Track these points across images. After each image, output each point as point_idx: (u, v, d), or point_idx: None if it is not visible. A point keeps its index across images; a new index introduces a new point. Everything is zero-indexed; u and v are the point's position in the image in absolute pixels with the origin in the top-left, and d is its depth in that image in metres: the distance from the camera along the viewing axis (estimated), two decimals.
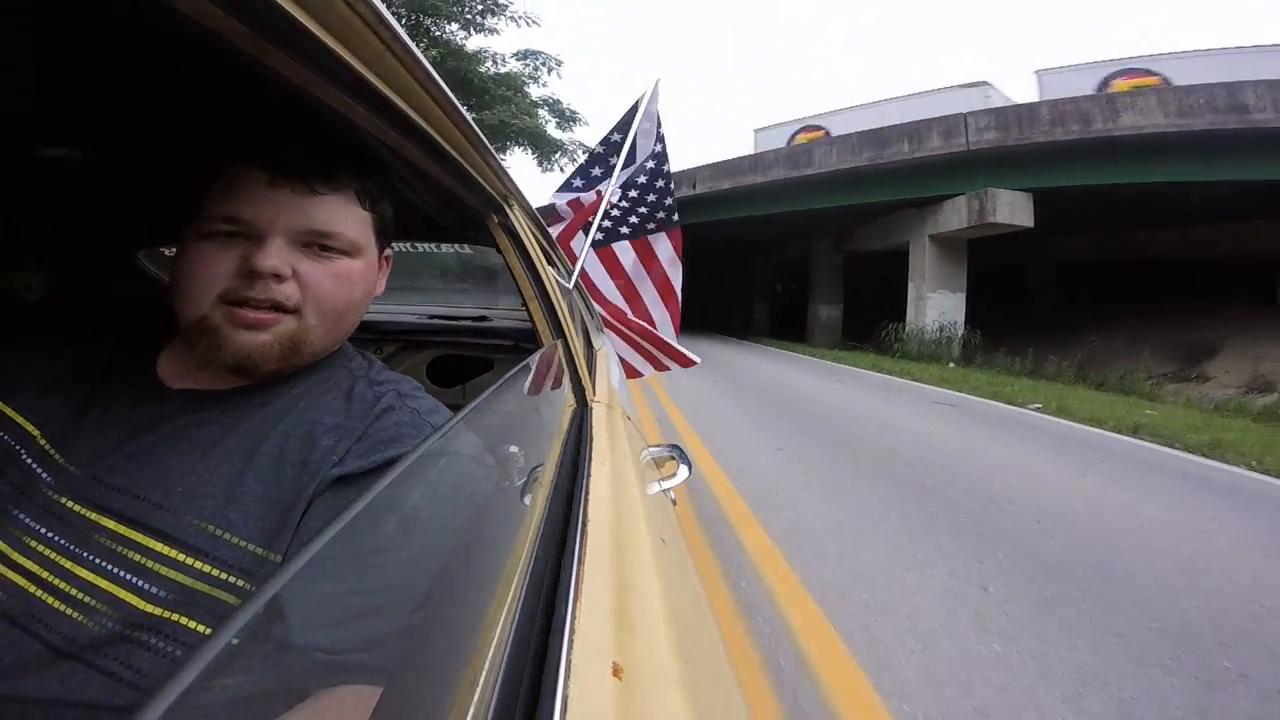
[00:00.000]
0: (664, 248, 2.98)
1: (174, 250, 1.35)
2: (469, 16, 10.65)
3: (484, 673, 0.32)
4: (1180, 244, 12.14)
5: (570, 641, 0.36)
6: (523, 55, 11.42)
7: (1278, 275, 10.77)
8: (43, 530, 0.43)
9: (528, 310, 1.08)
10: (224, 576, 0.42)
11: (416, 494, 0.43)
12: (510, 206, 0.94)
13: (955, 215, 10.92)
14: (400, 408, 0.52)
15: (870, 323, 12.56)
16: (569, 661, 0.34)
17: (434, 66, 0.48)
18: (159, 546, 0.42)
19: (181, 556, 0.42)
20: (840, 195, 12.36)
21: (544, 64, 11.55)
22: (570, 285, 1.60)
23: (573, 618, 0.38)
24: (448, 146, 0.57)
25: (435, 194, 0.78)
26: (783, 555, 2.44)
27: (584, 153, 13.62)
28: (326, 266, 0.51)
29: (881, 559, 2.47)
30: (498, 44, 12.27)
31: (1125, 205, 10.99)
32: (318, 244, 0.51)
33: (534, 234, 1.16)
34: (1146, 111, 9.36)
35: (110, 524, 0.43)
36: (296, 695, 0.33)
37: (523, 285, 1.03)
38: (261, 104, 0.49)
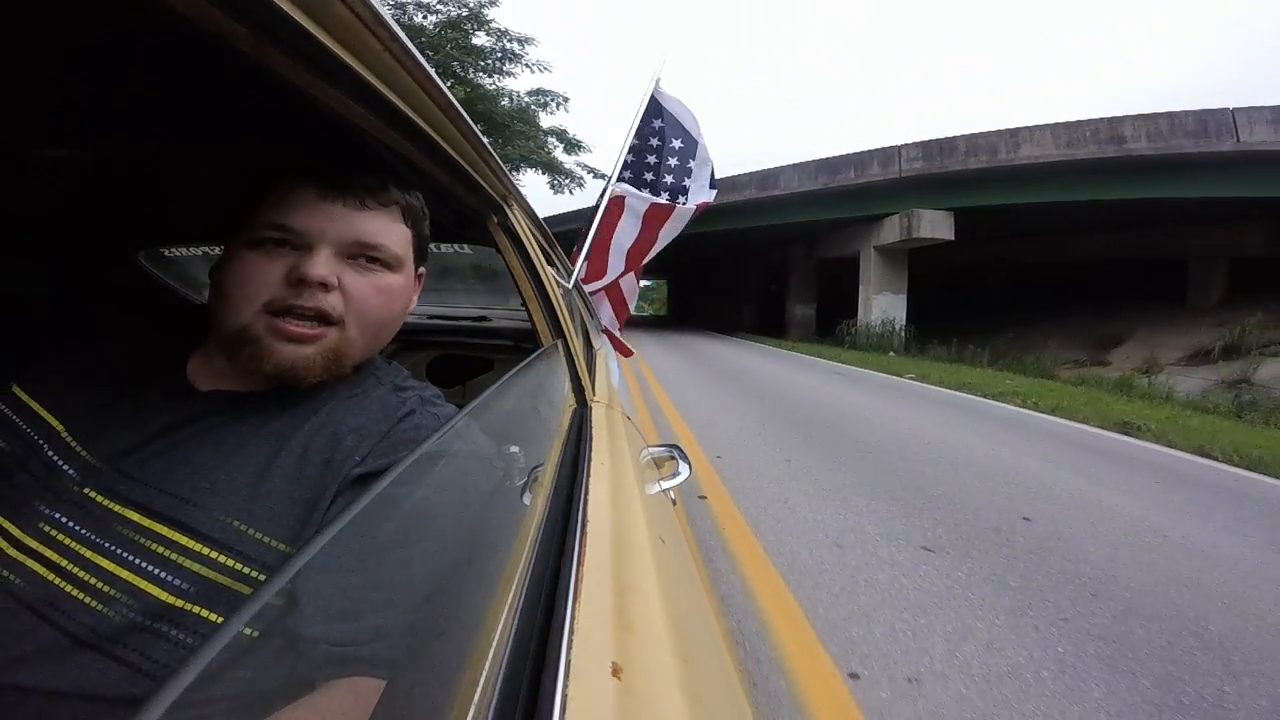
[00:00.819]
0: (676, 221, 2.98)
1: (173, 250, 1.34)
2: (492, 63, 12.85)
3: (484, 673, 0.32)
4: (1112, 248, 14.07)
5: (570, 641, 0.36)
6: (535, 93, 13.77)
7: (1187, 276, 12.56)
8: (65, 520, 0.43)
9: (527, 310, 1.08)
10: (246, 571, 0.43)
11: (417, 494, 0.43)
12: (510, 206, 0.94)
13: (892, 230, 13.28)
14: (421, 412, 0.54)
15: (837, 320, 14.82)
16: (569, 661, 0.34)
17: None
18: (183, 539, 0.43)
19: (205, 550, 0.43)
20: (802, 213, 14.80)
21: (553, 100, 13.77)
22: (570, 285, 1.60)
23: (572, 618, 0.38)
24: (447, 146, 0.57)
25: (434, 194, 0.78)
26: (678, 408, 5.66)
27: (590, 175, 15.02)
28: (370, 279, 0.53)
29: (734, 424, 5.00)
30: (512, 84, 14.52)
31: (1046, 217, 13.00)
32: (364, 256, 0.52)
33: (533, 234, 1.16)
34: (1041, 144, 11.29)
35: (135, 516, 0.43)
36: (302, 686, 0.33)
37: (522, 285, 1.03)
38: (285, 113, 0.50)
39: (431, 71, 0.47)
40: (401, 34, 0.40)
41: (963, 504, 3.11)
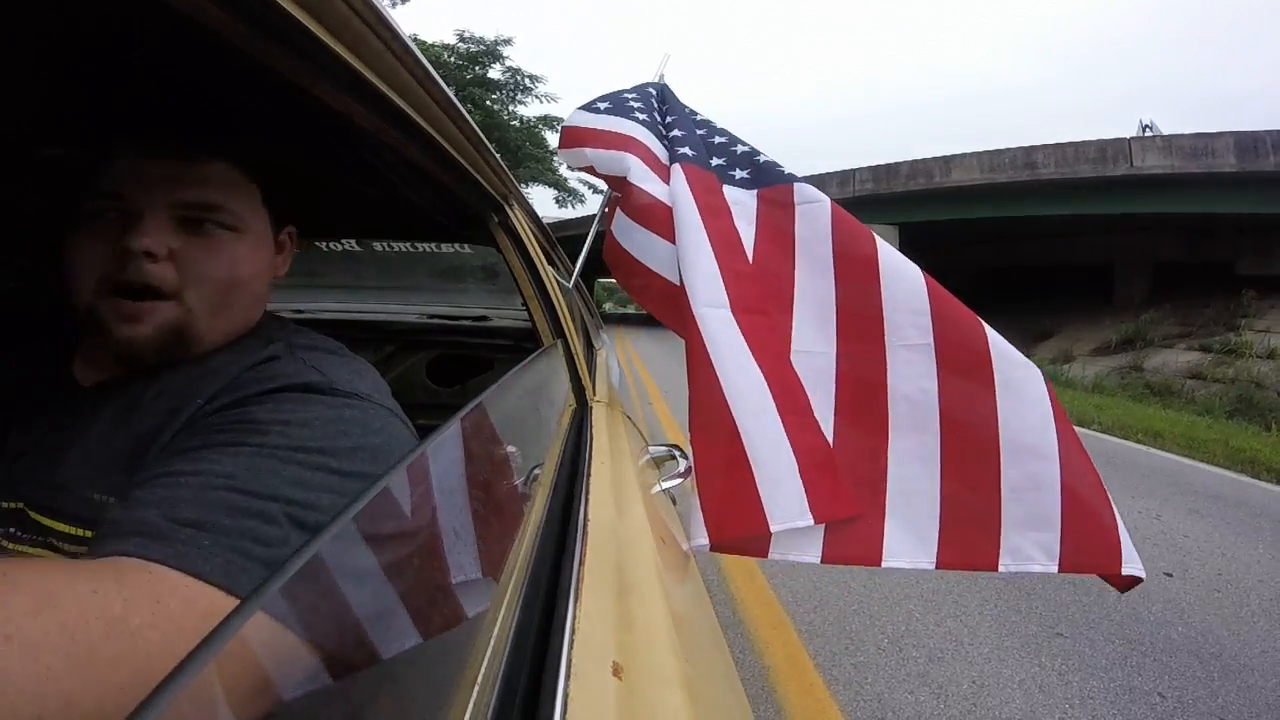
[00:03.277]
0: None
1: None
2: (506, 94, 15.27)
3: (483, 672, 0.32)
4: (1053, 254, 15.85)
5: (571, 641, 0.36)
6: (544, 119, 16.12)
7: (1113, 279, 14.35)
8: None
9: (528, 310, 1.08)
10: None
11: (416, 494, 0.43)
12: (510, 206, 0.94)
13: None
14: (287, 358, 0.49)
15: None
16: (569, 661, 0.34)
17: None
18: (62, 527, 0.42)
19: (80, 532, 0.42)
20: None
21: (558, 125, 15.90)
22: (570, 285, 1.60)
23: (573, 617, 0.38)
24: (447, 145, 0.57)
25: (435, 193, 0.78)
26: (652, 376, 7.10)
27: (591, 191, 16.94)
28: (207, 242, 0.48)
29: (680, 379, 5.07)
30: (523, 110, 17.50)
31: (978, 230, 15.08)
32: (198, 219, 0.48)
33: (534, 233, 1.16)
34: (968, 170, 13.03)
35: (23, 509, 0.43)
36: (290, 692, 0.33)
37: (523, 285, 1.03)
38: (286, 113, 0.49)
39: (432, 71, 0.47)
40: (403, 33, 0.40)
41: None
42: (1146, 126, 14.77)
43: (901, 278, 1.02)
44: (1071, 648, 1.99)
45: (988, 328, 1.00)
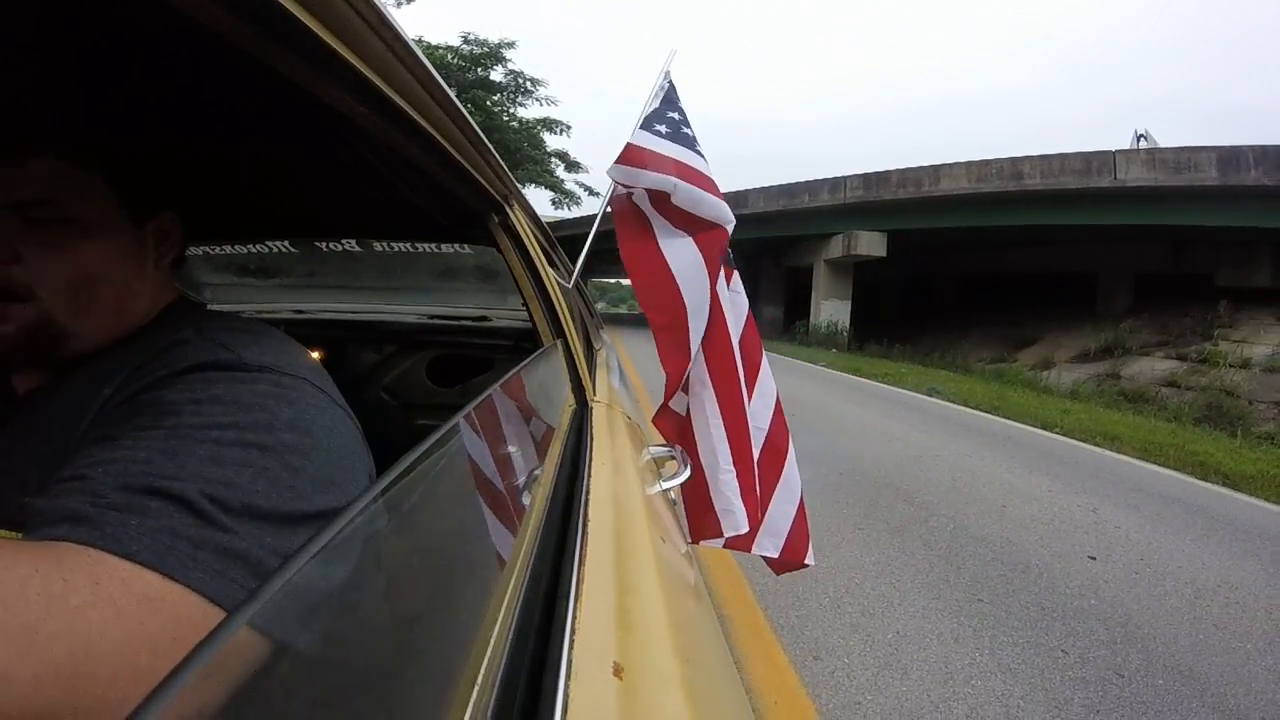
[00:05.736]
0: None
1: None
2: (506, 95, 15.88)
3: (483, 672, 0.32)
4: (1040, 262, 16.21)
5: (571, 642, 0.36)
6: (542, 121, 16.93)
7: (1096, 287, 14.64)
8: None
9: (528, 310, 1.08)
10: None
11: (415, 494, 0.43)
12: (510, 206, 0.94)
13: (837, 247, 15.88)
14: (195, 339, 0.48)
15: (803, 320, 17.59)
16: (570, 661, 0.34)
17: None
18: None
19: (12, 535, 0.42)
20: (767, 229, 17.23)
21: (558, 128, 17.13)
22: (570, 285, 1.60)
23: (574, 618, 0.38)
24: (448, 146, 0.57)
25: (435, 193, 0.78)
26: (634, 362, 6.46)
27: (587, 193, 17.96)
28: (48, 240, 0.48)
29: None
30: (522, 112, 17.96)
31: (965, 237, 15.50)
32: (39, 218, 0.48)
33: (534, 234, 1.16)
34: (957, 178, 13.39)
35: None
36: (290, 693, 0.33)
37: (523, 285, 1.03)
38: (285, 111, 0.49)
39: (433, 71, 0.47)
40: (405, 34, 0.40)
41: (812, 429, 5.11)
42: (1141, 136, 15.09)
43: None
44: (990, 611, 2.24)
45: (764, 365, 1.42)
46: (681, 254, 1.17)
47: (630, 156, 1.16)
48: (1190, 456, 5.22)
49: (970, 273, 18.92)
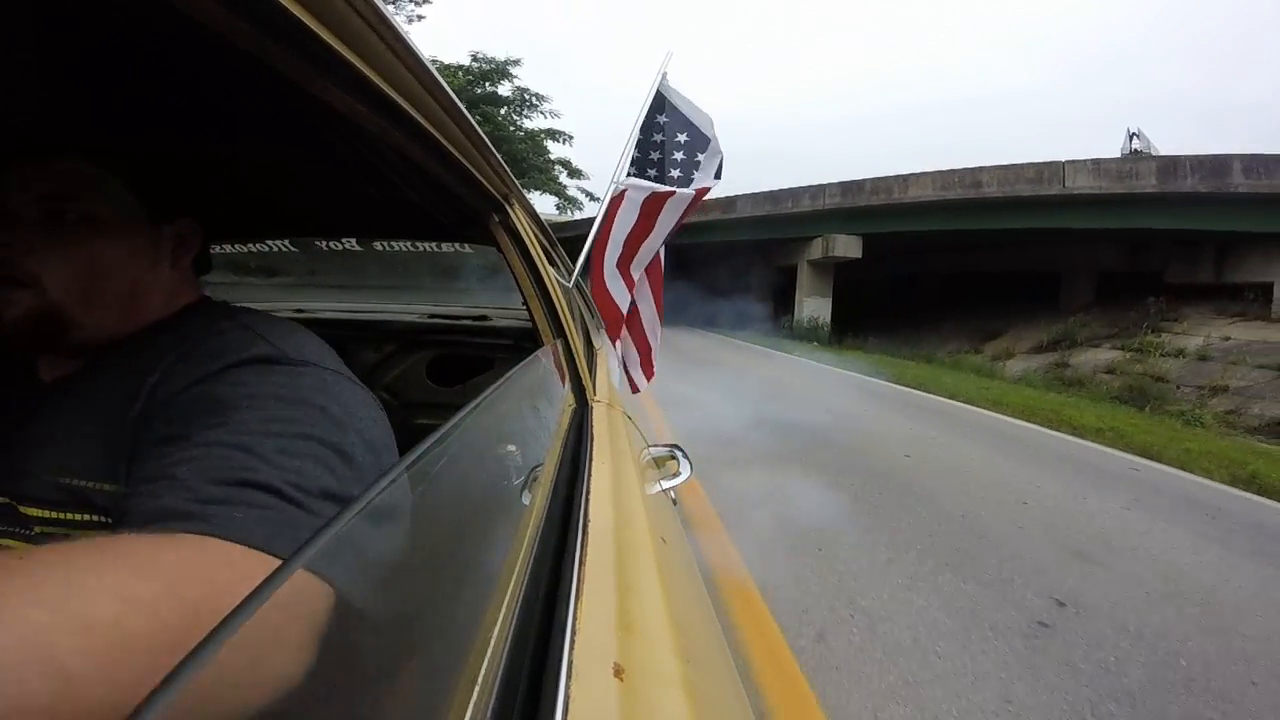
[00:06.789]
0: (674, 207, 2.61)
1: None
2: (512, 108, 17.56)
3: (483, 673, 0.32)
4: (1010, 261, 17.26)
5: (571, 642, 0.36)
6: (547, 132, 18.75)
7: (1059, 285, 15.92)
8: None
9: (528, 309, 1.07)
10: (92, 518, 0.44)
11: (415, 493, 0.43)
12: (511, 205, 0.94)
13: (817, 249, 17.42)
14: (232, 329, 0.52)
15: (789, 316, 19.10)
16: (570, 662, 0.34)
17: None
18: (33, 511, 0.45)
19: (51, 514, 0.44)
20: (755, 231, 18.87)
21: (561, 138, 19.03)
22: (570, 284, 1.60)
23: (574, 619, 0.38)
24: (448, 145, 0.57)
25: (436, 193, 0.77)
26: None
27: (589, 199, 19.26)
28: (61, 233, 0.50)
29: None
30: (527, 123, 19.57)
31: (947, 240, 16.86)
32: (57, 212, 0.50)
33: (534, 233, 1.16)
34: (923, 187, 14.85)
35: (10, 504, 0.45)
36: (290, 693, 0.33)
37: (523, 284, 1.03)
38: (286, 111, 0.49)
39: (434, 71, 0.47)
40: (405, 33, 0.40)
41: (775, 408, 5.77)
42: (1134, 135, 16.02)
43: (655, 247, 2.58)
44: (850, 481, 3.65)
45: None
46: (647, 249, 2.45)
47: (616, 202, 2.16)
48: (1059, 418, 6.20)
49: (948, 273, 20.24)
